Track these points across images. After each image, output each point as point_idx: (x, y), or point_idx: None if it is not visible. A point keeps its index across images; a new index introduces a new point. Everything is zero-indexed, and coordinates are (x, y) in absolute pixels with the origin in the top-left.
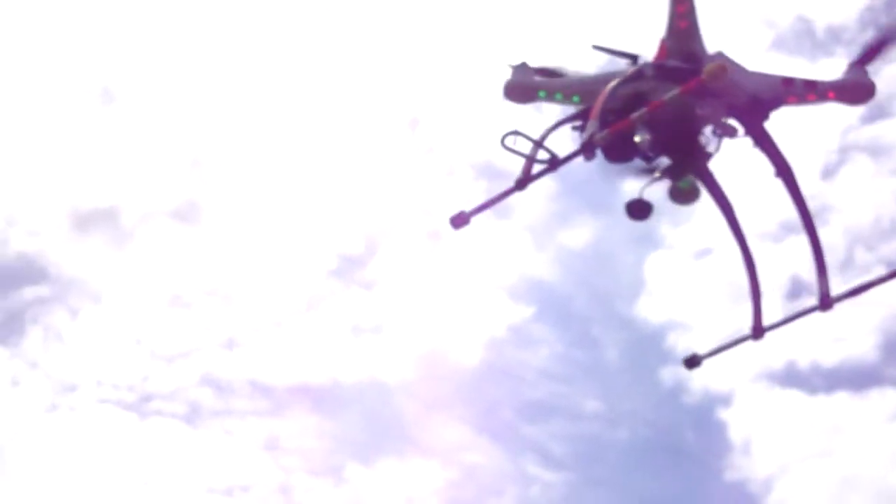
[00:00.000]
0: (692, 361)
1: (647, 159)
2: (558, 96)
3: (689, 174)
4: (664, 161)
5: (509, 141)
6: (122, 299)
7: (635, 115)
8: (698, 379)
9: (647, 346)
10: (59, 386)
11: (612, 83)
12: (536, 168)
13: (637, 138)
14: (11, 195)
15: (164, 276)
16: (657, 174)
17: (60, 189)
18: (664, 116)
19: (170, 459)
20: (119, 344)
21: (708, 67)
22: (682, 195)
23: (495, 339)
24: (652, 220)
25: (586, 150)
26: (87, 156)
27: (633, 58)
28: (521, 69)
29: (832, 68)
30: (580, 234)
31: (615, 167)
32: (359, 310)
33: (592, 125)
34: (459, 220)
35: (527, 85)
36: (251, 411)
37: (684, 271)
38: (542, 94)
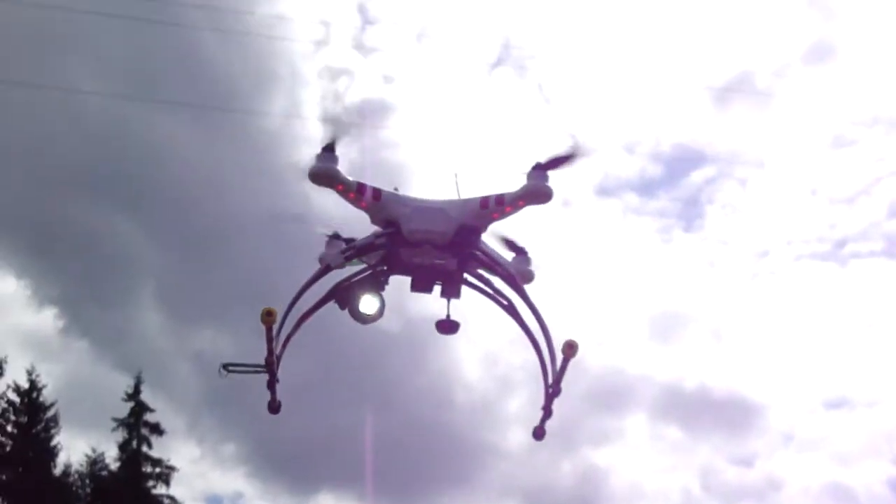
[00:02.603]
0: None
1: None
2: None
3: (459, 291)
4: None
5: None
6: (782, 156)
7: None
8: None
9: None
10: (752, 255)
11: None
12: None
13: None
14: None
15: (817, 119)
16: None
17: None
18: (404, 273)
19: (878, 299)
20: (795, 199)
21: (262, 314)
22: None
23: None
24: None
25: (270, 374)
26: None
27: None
28: (326, 155)
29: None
30: None
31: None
32: None
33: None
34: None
35: (331, 175)
36: None
37: None
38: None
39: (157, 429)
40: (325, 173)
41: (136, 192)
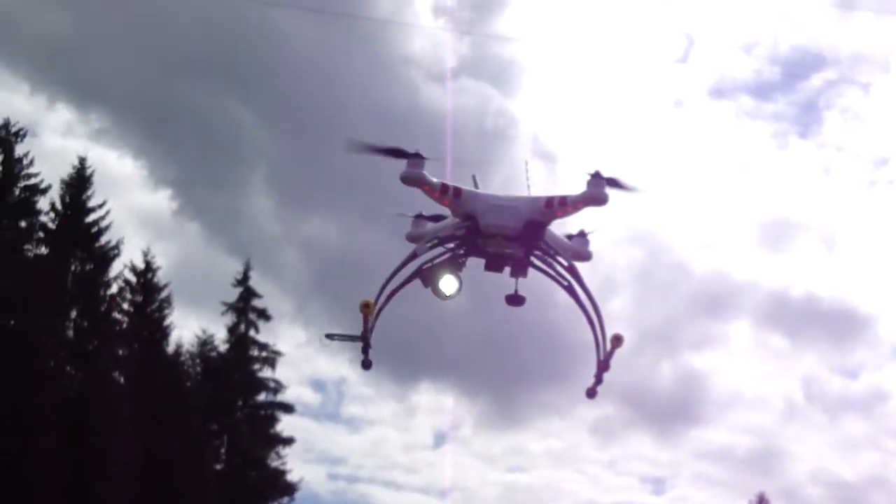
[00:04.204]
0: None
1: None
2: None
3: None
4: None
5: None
6: None
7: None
8: None
9: None
10: (870, 162)
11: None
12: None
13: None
14: None
15: None
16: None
17: None
18: (479, 256)
19: None
20: None
21: (360, 306)
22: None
23: None
24: None
25: (364, 343)
26: None
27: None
28: (415, 162)
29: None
30: None
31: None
32: None
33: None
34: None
35: (419, 178)
36: None
37: None
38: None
39: (264, 314)
40: (414, 177)
41: (252, 80)
